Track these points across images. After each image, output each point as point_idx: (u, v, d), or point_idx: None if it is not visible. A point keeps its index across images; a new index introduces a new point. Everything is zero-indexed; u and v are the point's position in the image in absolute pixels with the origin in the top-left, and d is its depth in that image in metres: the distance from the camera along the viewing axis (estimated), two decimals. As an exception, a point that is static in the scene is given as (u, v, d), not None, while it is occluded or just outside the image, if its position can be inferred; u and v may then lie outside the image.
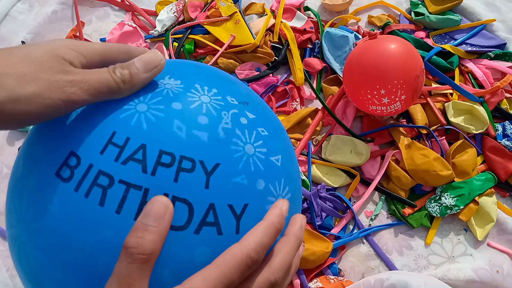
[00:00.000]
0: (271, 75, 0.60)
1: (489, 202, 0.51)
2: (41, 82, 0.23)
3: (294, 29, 0.63)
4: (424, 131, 0.54)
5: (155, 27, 0.64)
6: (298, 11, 0.66)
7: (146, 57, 0.26)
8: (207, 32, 0.63)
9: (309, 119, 0.57)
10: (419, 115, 0.55)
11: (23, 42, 0.61)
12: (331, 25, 0.65)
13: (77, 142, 0.25)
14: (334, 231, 0.49)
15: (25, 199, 0.26)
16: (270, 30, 0.64)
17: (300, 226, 0.27)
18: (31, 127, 0.39)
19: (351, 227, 0.50)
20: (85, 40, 0.63)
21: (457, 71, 0.60)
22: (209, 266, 0.23)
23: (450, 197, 0.50)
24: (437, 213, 0.50)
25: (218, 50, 0.61)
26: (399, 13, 0.68)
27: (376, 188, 0.52)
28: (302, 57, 0.62)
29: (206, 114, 0.26)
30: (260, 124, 0.29)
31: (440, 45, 0.61)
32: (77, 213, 0.24)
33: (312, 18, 0.66)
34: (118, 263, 0.21)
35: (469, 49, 0.62)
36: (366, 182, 0.52)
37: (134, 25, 0.64)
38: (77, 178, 0.24)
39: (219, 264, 0.22)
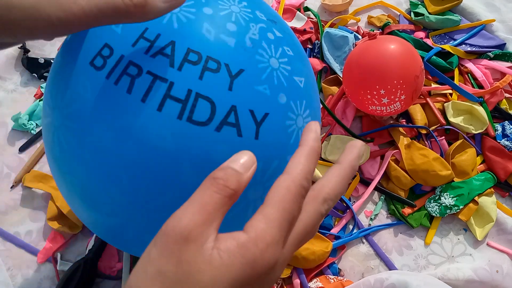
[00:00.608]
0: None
1: (489, 202, 0.51)
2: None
3: (294, 30, 0.63)
4: (424, 131, 0.55)
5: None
6: (298, 12, 0.66)
7: None
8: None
9: (309, 119, 0.57)
10: (419, 115, 0.55)
11: (23, 48, 0.61)
12: (331, 26, 0.66)
13: (111, 35, 0.26)
14: (334, 231, 0.49)
15: (61, 87, 0.28)
16: (270, 30, 0.64)
17: (357, 155, 0.24)
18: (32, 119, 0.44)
19: (350, 227, 0.50)
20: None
21: (456, 71, 0.60)
22: (266, 205, 0.21)
23: (450, 197, 0.50)
24: (436, 213, 0.50)
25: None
26: (398, 14, 0.68)
27: (376, 188, 0.52)
28: (302, 57, 0.62)
29: (235, 22, 0.27)
30: (286, 43, 0.29)
31: (440, 45, 0.61)
32: (107, 98, 0.26)
33: (312, 18, 0.66)
34: (201, 190, 0.20)
35: (469, 49, 0.62)
36: (365, 182, 0.52)
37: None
38: (109, 66, 0.26)
39: (277, 201, 0.21)
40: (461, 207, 0.49)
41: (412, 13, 0.67)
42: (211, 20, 0.27)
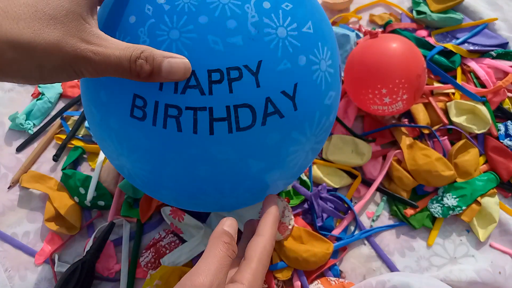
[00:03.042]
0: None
1: (491, 202, 0.50)
2: (63, 54, 0.23)
3: (295, 28, 0.62)
4: (426, 131, 0.54)
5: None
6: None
7: (176, 65, 0.25)
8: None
9: (309, 119, 0.56)
10: (421, 115, 0.54)
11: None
12: (332, 24, 0.65)
13: (136, 84, 0.27)
14: (335, 232, 0.48)
15: (114, 139, 0.30)
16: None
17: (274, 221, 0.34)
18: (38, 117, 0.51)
19: (352, 228, 0.49)
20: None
21: (459, 70, 0.59)
22: (250, 260, 0.29)
23: (452, 197, 0.49)
24: (439, 214, 0.49)
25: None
26: (400, 12, 0.67)
27: (378, 189, 0.51)
28: (303, 56, 0.62)
29: (232, 16, 0.27)
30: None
31: (442, 44, 0.61)
32: (163, 141, 0.28)
33: (313, 16, 0.65)
34: (216, 253, 0.27)
35: (471, 48, 0.61)
36: (367, 183, 0.51)
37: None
38: (150, 115, 0.27)
39: (258, 258, 0.29)
40: (463, 208, 0.49)
41: (414, 11, 0.66)
42: (211, 29, 0.26)
